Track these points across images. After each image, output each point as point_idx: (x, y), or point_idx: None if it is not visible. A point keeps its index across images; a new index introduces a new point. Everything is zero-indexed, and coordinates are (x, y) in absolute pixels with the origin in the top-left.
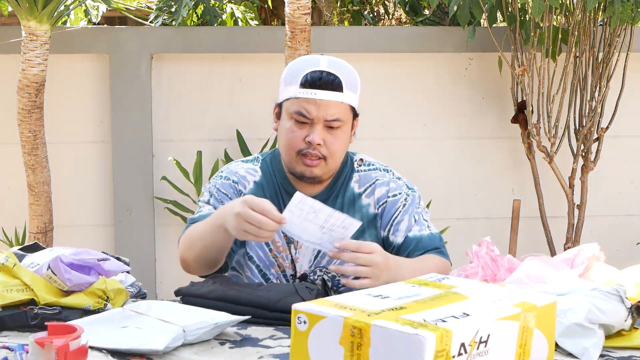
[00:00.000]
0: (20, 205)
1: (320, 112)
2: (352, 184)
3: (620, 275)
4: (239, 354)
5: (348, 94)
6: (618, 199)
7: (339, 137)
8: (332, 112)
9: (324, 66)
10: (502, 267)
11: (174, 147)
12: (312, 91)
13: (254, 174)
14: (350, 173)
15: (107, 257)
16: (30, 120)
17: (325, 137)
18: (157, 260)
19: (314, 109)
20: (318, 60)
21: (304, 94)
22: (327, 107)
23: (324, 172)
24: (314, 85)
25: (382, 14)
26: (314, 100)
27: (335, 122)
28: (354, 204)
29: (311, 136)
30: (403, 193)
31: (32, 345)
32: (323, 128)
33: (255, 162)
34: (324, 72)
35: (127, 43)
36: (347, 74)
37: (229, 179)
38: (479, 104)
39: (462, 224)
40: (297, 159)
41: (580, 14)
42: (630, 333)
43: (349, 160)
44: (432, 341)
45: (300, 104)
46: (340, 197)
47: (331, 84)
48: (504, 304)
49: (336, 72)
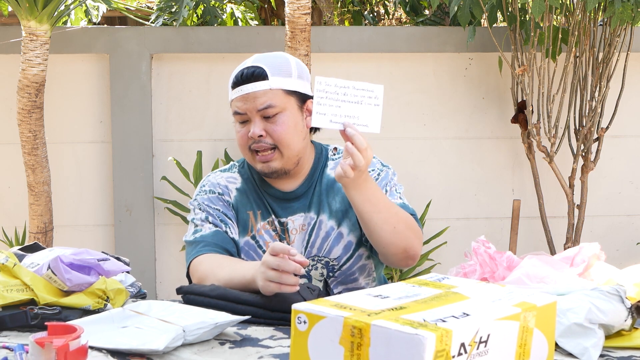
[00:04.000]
0: (20, 205)
1: (248, 104)
2: (327, 171)
3: (620, 275)
4: (239, 354)
5: (275, 79)
6: (618, 199)
7: (280, 123)
8: (261, 100)
9: (249, 63)
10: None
11: (174, 147)
12: (239, 88)
13: (234, 181)
14: (326, 162)
15: (107, 257)
16: (30, 120)
17: (265, 126)
18: (157, 260)
19: (243, 104)
20: (247, 60)
21: (235, 93)
22: (254, 98)
23: (284, 162)
24: (239, 82)
25: (382, 14)
26: (242, 96)
27: (268, 109)
28: (332, 187)
29: (251, 130)
30: (377, 169)
31: (32, 345)
32: (260, 119)
33: (233, 169)
34: (247, 67)
35: (127, 43)
36: (273, 62)
37: (214, 192)
38: (479, 104)
39: (462, 224)
40: (252, 158)
41: (580, 14)
42: (630, 333)
43: (323, 150)
44: (432, 341)
45: (235, 103)
46: (318, 185)
47: (253, 75)
48: (503, 304)
49: (259, 64)
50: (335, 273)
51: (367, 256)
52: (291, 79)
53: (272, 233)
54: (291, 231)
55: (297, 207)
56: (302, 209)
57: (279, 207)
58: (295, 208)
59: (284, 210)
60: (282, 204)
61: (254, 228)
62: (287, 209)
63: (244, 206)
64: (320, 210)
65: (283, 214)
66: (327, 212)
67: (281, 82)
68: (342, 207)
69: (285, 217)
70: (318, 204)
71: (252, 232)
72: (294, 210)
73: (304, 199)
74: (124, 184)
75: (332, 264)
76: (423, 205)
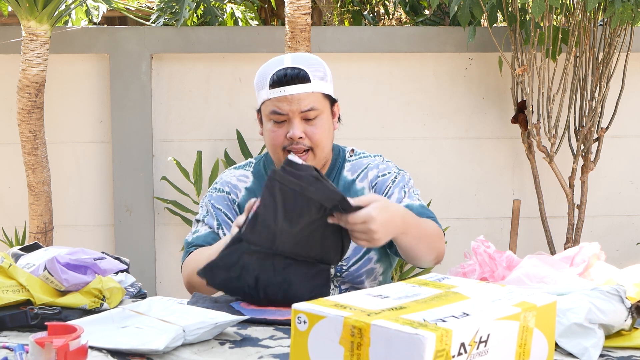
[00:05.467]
0: (20, 205)
1: (293, 106)
2: (344, 173)
3: (620, 275)
4: (239, 354)
5: (317, 82)
6: (618, 199)
7: (319, 125)
8: (305, 103)
9: (287, 63)
10: (500, 265)
11: (174, 147)
12: (281, 89)
13: (245, 180)
14: (343, 163)
15: (103, 256)
16: (30, 120)
17: (305, 129)
18: (157, 260)
19: (286, 105)
20: (282, 59)
21: (274, 93)
22: (298, 100)
23: (315, 164)
24: (281, 82)
25: (382, 14)
26: (284, 97)
27: (310, 112)
28: (348, 190)
29: (291, 131)
30: (392, 172)
31: (32, 345)
32: (301, 121)
33: (248, 167)
34: (288, 68)
35: (127, 43)
36: (312, 65)
37: (222, 190)
38: (479, 104)
39: (462, 224)
40: (284, 156)
41: (580, 14)
42: (630, 333)
43: (340, 152)
44: (432, 341)
45: (273, 103)
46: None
47: (297, 77)
48: (503, 303)
49: (300, 65)
50: (342, 274)
51: (377, 260)
52: (327, 82)
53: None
54: None
55: None
56: None
57: None
58: None
59: None
60: None
61: None
62: None
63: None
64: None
65: None
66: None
67: (321, 85)
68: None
69: None
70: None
71: None
72: None
73: None
74: (124, 184)
75: (341, 264)
76: None
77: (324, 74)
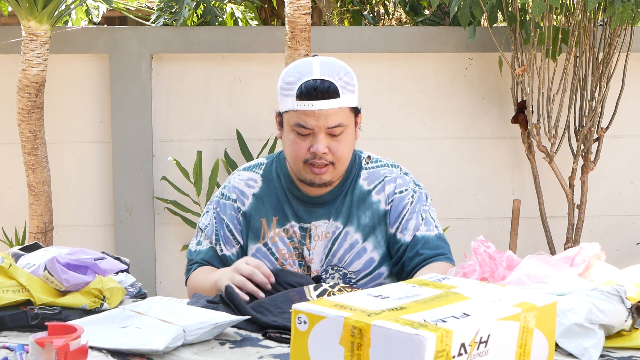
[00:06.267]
0: (20, 205)
1: (320, 122)
2: (360, 182)
3: (620, 275)
4: (239, 354)
5: (345, 97)
6: (618, 199)
7: (343, 141)
8: (332, 120)
9: (317, 73)
10: (500, 265)
11: (174, 147)
12: (309, 103)
13: (253, 185)
14: (359, 171)
15: (103, 257)
16: (30, 120)
17: (329, 144)
18: (157, 260)
19: (313, 121)
20: (310, 66)
21: (301, 106)
22: (326, 116)
23: (333, 176)
24: (310, 96)
25: (382, 14)
26: (312, 112)
27: (337, 128)
28: (364, 201)
29: (315, 146)
30: (410, 189)
31: (32, 345)
32: (326, 136)
33: (257, 169)
34: (318, 80)
35: (127, 43)
36: (341, 76)
37: (229, 198)
38: (479, 104)
39: (462, 224)
40: (305, 169)
41: (580, 14)
42: (631, 333)
43: (356, 158)
44: (432, 341)
45: (299, 116)
46: (349, 195)
47: (327, 92)
48: (504, 304)
49: (330, 78)
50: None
51: (386, 276)
52: (354, 94)
53: (286, 241)
54: (313, 237)
55: (322, 212)
56: (327, 215)
57: (304, 212)
58: (320, 214)
59: (309, 215)
60: (307, 207)
61: (267, 235)
62: (311, 213)
63: (257, 213)
64: (348, 222)
65: (307, 218)
66: (354, 225)
67: (349, 99)
68: (371, 222)
69: (309, 222)
70: (347, 214)
71: (264, 240)
72: (318, 216)
73: (330, 205)
74: (124, 184)
75: (350, 276)
76: None
77: (352, 86)
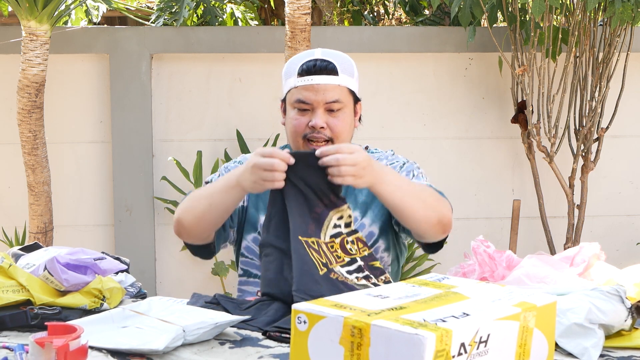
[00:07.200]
0: (20, 205)
1: (318, 96)
2: None
3: (620, 275)
4: (239, 354)
5: (344, 77)
6: (618, 199)
7: (341, 118)
8: (330, 94)
9: (318, 55)
10: (500, 265)
11: (174, 147)
12: (309, 78)
13: None
14: None
15: (103, 257)
16: (30, 120)
17: (327, 120)
18: (157, 260)
19: (312, 95)
20: (313, 52)
21: (302, 82)
22: (324, 90)
23: None
24: (310, 72)
25: (382, 14)
26: (311, 86)
27: (335, 103)
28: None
29: (314, 120)
30: (401, 161)
31: (32, 345)
32: (324, 112)
33: None
34: (318, 59)
35: (127, 43)
36: (342, 60)
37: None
38: (479, 104)
39: (462, 223)
40: (304, 145)
41: (580, 14)
42: (630, 333)
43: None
44: (432, 341)
45: (300, 92)
46: None
47: (326, 68)
48: (503, 304)
49: (330, 59)
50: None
51: (385, 249)
52: (353, 79)
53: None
54: None
55: None
56: None
57: None
58: None
59: None
60: None
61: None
62: None
63: (254, 205)
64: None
65: None
66: (352, 204)
67: (348, 81)
68: (367, 199)
69: None
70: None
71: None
72: None
73: None
74: (124, 184)
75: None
76: None
77: (351, 71)
